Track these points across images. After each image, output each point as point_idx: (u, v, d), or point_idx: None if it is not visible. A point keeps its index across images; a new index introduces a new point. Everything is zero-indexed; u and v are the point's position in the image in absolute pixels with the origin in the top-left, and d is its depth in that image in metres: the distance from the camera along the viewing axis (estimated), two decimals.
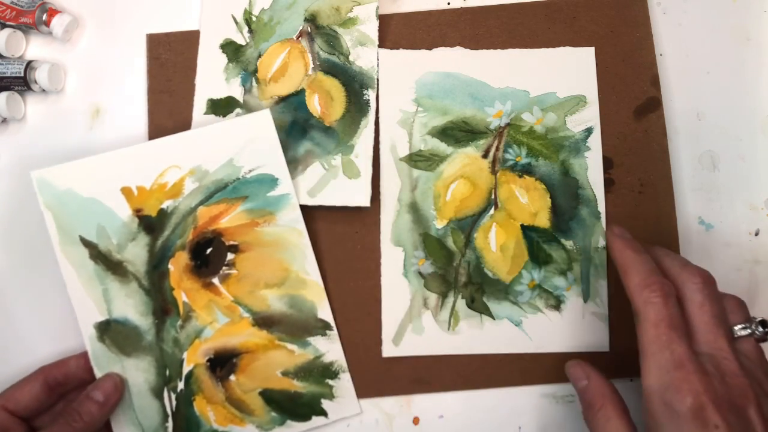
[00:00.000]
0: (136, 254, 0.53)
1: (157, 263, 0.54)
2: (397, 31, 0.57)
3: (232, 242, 0.54)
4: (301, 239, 0.54)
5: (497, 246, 0.54)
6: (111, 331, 0.53)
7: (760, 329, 0.44)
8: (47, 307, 0.57)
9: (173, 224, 0.54)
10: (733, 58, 0.58)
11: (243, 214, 0.54)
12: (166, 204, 0.54)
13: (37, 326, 0.57)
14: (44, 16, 0.58)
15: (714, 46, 0.58)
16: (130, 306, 0.53)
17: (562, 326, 0.54)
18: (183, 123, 0.57)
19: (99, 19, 0.60)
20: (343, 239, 0.56)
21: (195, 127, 0.56)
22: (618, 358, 0.53)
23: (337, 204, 0.55)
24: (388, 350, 0.54)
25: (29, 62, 0.58)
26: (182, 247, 0.54)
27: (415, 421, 0.55)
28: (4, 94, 0.57)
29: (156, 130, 0.57)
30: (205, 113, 0.56)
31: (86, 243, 0.53)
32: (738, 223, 0.56)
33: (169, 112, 0.57)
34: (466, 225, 0.55)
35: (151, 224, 0.54)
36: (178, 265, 0.54)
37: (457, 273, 0.54)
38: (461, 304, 0.54)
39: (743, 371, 0.42)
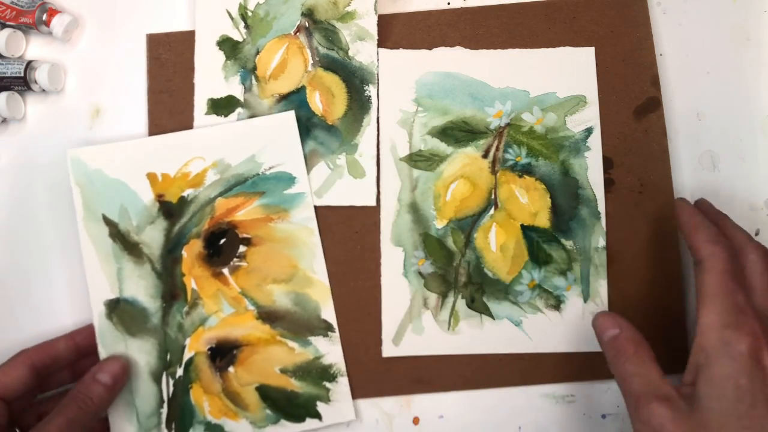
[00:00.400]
0: (153, 237, 0.55)
1: (172, 248, 0.55)
2: (397, 31, 0.57)
3: (245, 235, 0.55)
4: (312, 238, 0.55)
5: (497, 246, 0.54)
6: (119, 309, 0.54)
7: None
8: (47, 304, 0.57)
9: (191, 212, 0.55)
10: (733, 58, 0.58)
11: (259, 209, 0.55)
12: (187, 192, 0.55)
13: (37, 324, 0.57)
14: (44, 16, 0.58)
15: (714, 46, 0.58)
16: (141, 287, 0.54)
17: (562, 326, 0.54)
18: (183, 123, 0.57)
19: (99, 19, 0.60)
20: (343, 239, 0.55)
21: (197, 127, 0.56)
22: None
23: (344, 204, 0.55)
24: (388, 350, 0.54)
25: (29, 62, 0.57)
26: (197, 235, 0.55)
27: (415, 421, 0.55)
28: (4, 94, 0.57)
29: (156, 130, 0.57)
30: (206, 113, 0.56)
31: (108, 221, 0.55)
32: (738, 223, 0.55)
33: (169, 112, 0.57)
34: (466, 225, 0.55)
35: (170, 210, 0.55)
36: (191, 252, 0.55)
37: (457, 273, 0.54)
38: (461, 304, 0.54)
39: None
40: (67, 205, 0.56)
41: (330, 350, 0.54)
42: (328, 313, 0.54)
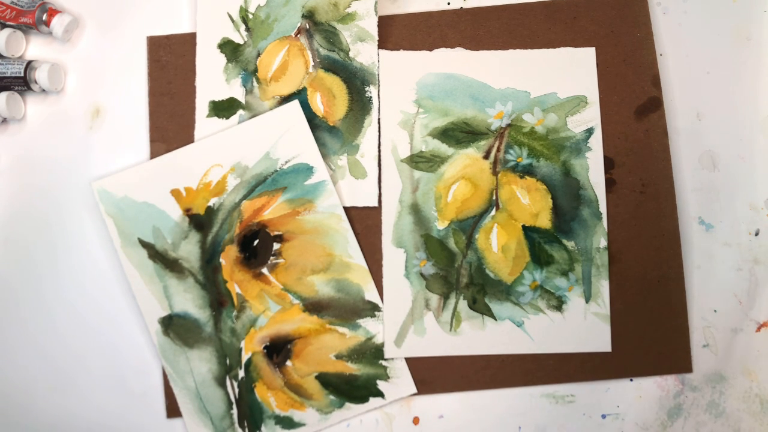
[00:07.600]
0: (189, 251, 0.56)
1: (210, 258, 0.56)
2: (397, 33, 0.57)
3: (276, 232, 0.56)
4: (341, 224, 0.55)
5: (499, 247, 0.54)
6: (174, 325, 0.56)
7: None
8: (49, 296, 0.57)
9: (221, 220, 0.56)
10: (733, 58, 0.58)
11: (284, 205, 0.56)
12: (213, 201, 0.56)
13: (34, 323, 0.57)
14: (44, 16, 0.57)
15: (714, 46, 0.58)
16: (188, 300, 0.56)
17: (564, 327, 0.54)
18: (184, 125, 0.57)
19: (99, 20, 0.60)
20: None
21: (198, 129, 0.57)
22: (619, 358, 0.53)
23: (346, 205, 0.55)
24: (390, 351, 0.54)
25: (29, 62, 0.57)
26: (231, 241, 0.56)
27: (415, 421, 0.55)
28: (4, 94, 0.57)
29: (157, 132, 0.57)
30: (208, 116, 0.56)
31: (144, 244, 0.56)
32: (738, 223, 0.56)
33: (170, 114, 0.57)
34: (468, 226, 0.55)
35: (200, 222, 0.56)
36: (228, 258, 0.56)
37: (458, 274, 0.54)
38: (463, 305, 0.54)
39: None
40: (65, 206, 0.56)
41: (379, 329, 0.55)
42: (372, 294, 0.55)
